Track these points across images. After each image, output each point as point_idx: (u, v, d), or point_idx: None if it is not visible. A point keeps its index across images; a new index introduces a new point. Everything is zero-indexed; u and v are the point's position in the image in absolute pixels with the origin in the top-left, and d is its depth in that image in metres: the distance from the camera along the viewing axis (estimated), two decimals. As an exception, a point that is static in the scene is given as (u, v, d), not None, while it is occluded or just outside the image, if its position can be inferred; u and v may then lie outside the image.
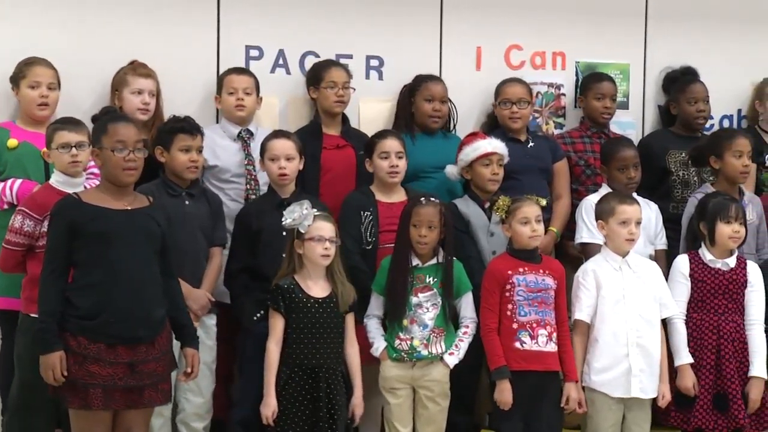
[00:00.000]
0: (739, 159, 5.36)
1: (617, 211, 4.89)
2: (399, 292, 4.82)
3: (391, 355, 4.84)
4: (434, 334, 4.85)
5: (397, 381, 4.85)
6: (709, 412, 4.94)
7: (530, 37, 5.95)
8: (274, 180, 5.03)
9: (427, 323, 4.84)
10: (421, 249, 4.85)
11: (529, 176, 5.47)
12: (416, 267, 4.86)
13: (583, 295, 4.89)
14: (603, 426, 4.88)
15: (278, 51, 5.65)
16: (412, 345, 4.82)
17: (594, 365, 4.87)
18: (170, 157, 4.94)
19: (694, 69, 5.97)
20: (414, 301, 4.84)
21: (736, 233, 5.01)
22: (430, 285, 4.86)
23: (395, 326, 4.84)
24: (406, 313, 4.83)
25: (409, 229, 4.84)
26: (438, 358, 4.84)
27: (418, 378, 4.85)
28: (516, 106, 5.61)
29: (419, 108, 5.59)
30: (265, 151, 5.04)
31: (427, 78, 5.63)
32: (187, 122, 5.00)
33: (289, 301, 4.64)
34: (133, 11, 5.45)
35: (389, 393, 4.86)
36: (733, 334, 4.98)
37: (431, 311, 4.85)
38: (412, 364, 4.84)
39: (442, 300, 4.85)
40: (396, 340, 4.84)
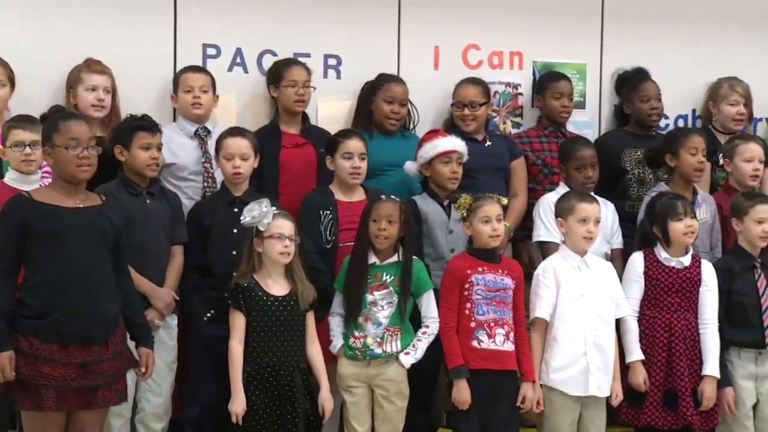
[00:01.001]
0: (694, 156, 5.42)
1: (577, 209, 4.92)
2: (354, 290, 4.83)
3: (346, 353, 4.85)
4: (389, 333, 4.84)
5: (353, 379, 4.85)
6: (658, 409, 4.99)
7: (488, 37, 5.96)
8: (228, 178, 5.04)
9: (381, 321, 4.84)
10: (381, 243, 4.84)
11: (487, 175, 5.49)
12: (374, 265, 4.86)
13: (544, 293, 4.91)
14: (561, 424, 4.91)
15: (236, 49, 5.63)
16: (366, 343, 4.83)
17: (552, 364, 4.89)
18: (130, 155, 4.91)
19: (645, 69, 6.02)
20: (369, 299, 4.84)
21: (689, 228, 5.05)
22: (386, 283, 4.86)
23: (351, 324, 4.85)
24: (361, 311, 4.83)
25: (369, 226, 4.84)
26: (393, 357, 4.84)
27: (374, 377, 4.86)
28: (467, 108, 5.62)
29: (378, 108, 5.59)
30: (221, 149, 5.05)
31: (390, 78, 5.64)
32: (146, 120, 4.99)
33: (249, 300, 4.63)
34: (90, 9, 5.40)
35: (346, 391, 4.86)
36: (685, 332, 5.03)
37: (386, 309, 4.85)
38: (367, 362, 4.84)
39: (398, 298, 4.85)
40: (351, 338, 4.84)
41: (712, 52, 6.20)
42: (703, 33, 6.22)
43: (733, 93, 5.99)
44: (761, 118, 6.28)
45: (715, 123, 6.08)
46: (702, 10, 6.24)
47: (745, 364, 5.12)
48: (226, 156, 5.02)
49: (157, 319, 4.84)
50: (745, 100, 6.00)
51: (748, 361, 5.13)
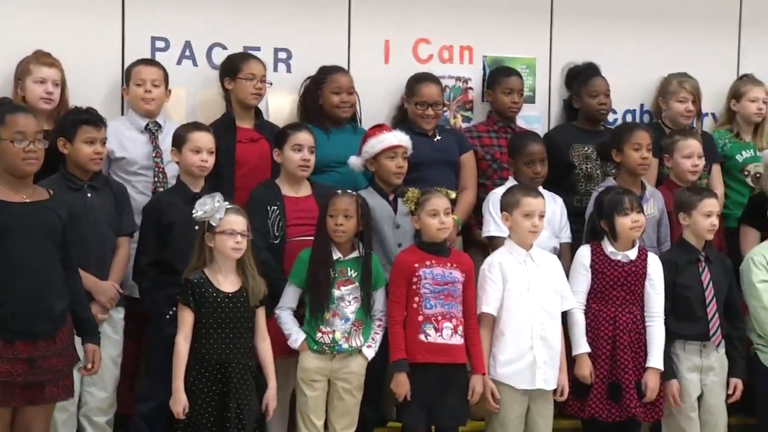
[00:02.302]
0: (638, 151, 5.46)
1: (521, 204, 4.94)
2: (322, 285, 4.82)
3: (312, 347, 4.84)
4: (354, 328, 4.87)
5: (316, 373, 4.86)
6: (603, 401, 5.03)
7: (438, 31, 5.97)
8: (193, 171, 5.00)
9: (348, 316, 4.86)
10: (338, 238, 4.85)
11: (436, 169, 5.50)
12: (338, 260, 4.87)
13: (490, 288, 4.93)
14: (509, 417, 4.94)
15: (185, 43, 5.60)
16: (334, 338, 4.84)
17: (499, 358, 4.92)
18: (73, 148, 4.87)
19: (595, 64, 6.06)
20: (336, 294, 4.85)
21: (635, 223, 5.10)
22: (352, 278, 4.88)
23: (318, 319, 4.84)
24: (329, 306, 4.83)
25: (327, 221, 4.85)
26: (357, 350, 4.87)
27: (337, 370, 4.87)
28: (432, 108, 5.63)
29: (327, 100, 5.58)
30: (186, 142, 5.00)
31: (332, 69, 5.63)
32: (91, 114, 4.93)
33: (198, 296, 4.61)
34: (38, 2, 5.35)
35: (307, 385, 4.86)
36: (630, 325, 5.08)
37: (353, 304, 4.87)
38: (332, 356, 4.85)
39: (363, 293, 4.87)
40: (318, 333, 4.83)
41: (660, 48, 6.25)
42: (651, 29, 6.27)
43: (681, 90, 6.04)
44: (708, 113, 6.35)
45: (664, 119, 6.13)
46: (651, 7, 6.29)
47: (690, 357, 5.18)
48: (195, 149, 4.98)
49: (100, 314, 4.81)
50: (693, 96, 6.05)
51: (692, 353, 5.19)
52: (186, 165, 5.01)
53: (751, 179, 5.99)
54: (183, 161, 5.01)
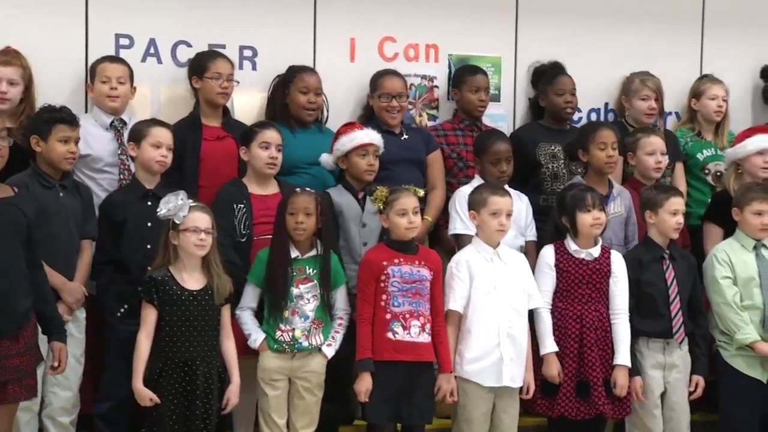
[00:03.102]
0: (603, 150, 5.49)
1: (489, 202, 4.96)
2: (280, 284, 4.81)
3: (271, 346, 4.84)
4: (314, 326, 4.87)
5: (276, 372, 4.85)
6: (572, 400, 5.06)
7: (404, 30, 5.98)
8: (152, 167, 4.99)
9: (308, 314, 4.86)
10: (298, 236, 4.85)
11: (404, 168, 5.51)
12: (296, 258, 4.86)
13: (457, 286, 4.95)
14: (474, 414, 4.95)
15: (149, 40, 5.58)
16: (294, 336, 4.83)
17: (466, 355, 4.94)
18: (47, 147, 4.85)
19: (560, 63, 6.09)
20: (295, 293, 4.84)
21: (596, 220, 5.12)
22: (310, 276, 4.87)
23: (276, 318, 4.83)
24: (288, 305, 4.82)
25: (286, 219, 4.83)
26: (317, 349, 4.87)
27: (297, 369, 4.87)
28: (396, 100, 5.64)
29: (294, 100, 5.57)
30: (146, 136, 4.99)
31: (301, 69, 5.62)
32: (65, 112, 4.92)
33: (163, 294, 4.60)
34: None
35: (268, 385, 4.86)
36: (596, 322, 5.11)
37: (312, 302, 4.87)
38: (291, 355, 4.85)
39: (321, 291, 4.87)
40: (277, 332, 4.83)
41: (625, 47, 6.29)
42: (616, 28, 6.31)
43: (644, 88, 6.09)
44: (671, 112, 6.39)
45: (627, 117, 6.18)
46: (616, 6, 6.33)
47: (654, 354, 5.21)
48: (155, 144, 4.97)
49: (66, 314, 4.78)
50: (656, 95, 6.09)
51: (656, 350, 5.22)
52: (145, 160, 5.00)
53: (712, 177, 6.05)
54: (141, 156, 5.00)
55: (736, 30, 6.44)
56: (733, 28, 6.44)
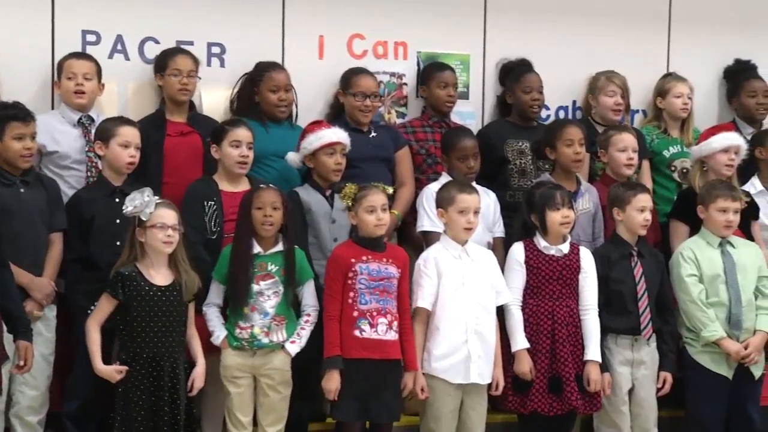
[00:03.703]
0: (570, 147, 5.51)
1: (456, 200, 4.97)
2: (240, 280, 4.80)
3: (231, 343, 4.83)
4: (275, 323, 4.85)
5: (238, 370, 4.84)
6: (544, 395, 5.07)
7: (372, 27, 5.97)
8: (121, 166, 4.97)
9: (268, 311, 4.85)
10: (267, 231, 4.84)
11: (372, 165, 5.51)
12: (258, 255, 4.85)
13: (425, 283, 4.95)
14: (443, 411, 4.96)
15: (116, 36, 5.54)
16: (253, 333, 4.83)
17: (434, 353, 4.94)
18: (3, 145, 4.81)
19: (528, 61, 6.10)
20: (255, 289, 4.83)
21: (565, 218, 5.14)
22: (272, 273, 4.86)
23: (236, 315, 4.83)
24: (248, 302, 4.81)
25: (251, 216, 4.83)
26: (279, 346, 4.85)
27: (259, 366, 4.86)
28: (369, 99, 5.64)
29: (265, 98, 5.55)
30: (114, 136, 4.97)
31: (269, 67, 5.60)
32: (19, 109, 4.88)
33: (130, 289, 4.60)
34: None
35: (230, 382, 4.85)
36: (567, 318, 5.13)
37: (273, 299, 4.86)
38: (252, 352, 4.84)
39: (284, 288, 4.85)
40: (236, 329, 4.83)
41: (592, 46, 6.30)
42: (584, 26, 6.32)
43: (610, 84, 6.11)
44: (638, 110, 6.42)
45: (594, 115, 6.20)
46: (584, 4, 6.35)
47: (622, 351, 5.24)
48: (124, 143, 4.95)
49: (36, 310, 4.76)
50: (622, 91, 6.12)
51: (624, 347, 5.25)
52: (113, 160, 4.98)
53: (678, 174, 6.08)
54: (110, 155, 4.98)
55: (701, 29, 6.48)
56: (699, 27, 6.48)
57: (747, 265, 5.39)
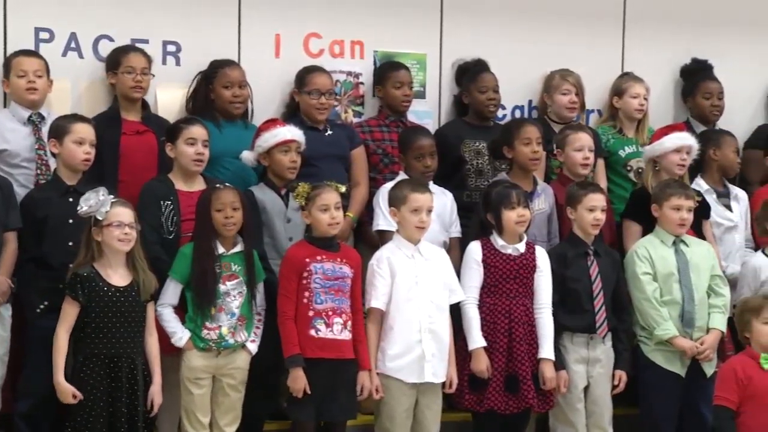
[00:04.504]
0: (528, 146, 5.52)
1: (409, 199, 4.97)
2: (209, 281, 4.78)
3: (197, 345, 4.81)
4: (239, 323, 4.86)
5: (202, 371, 4.83)
6: (501, 394, 5.09)
7: (329, 26, 5.96)
8: (76, 164, 4.93)
9: (234, 311, 4.84)
10: (229, 231, 4.83)
11: (328, 164, 5.50)
12: (222, 255, 4.84)
13: (379, 283, 4.95)
14: (397, 411, 4.96)
15: (70, 34, 5.50)
16: (221, 334, 4.82)
17: (388, 352, 4.95)
18: None
19: (484, 60, 6.11)
20: (222, 290, 4.82)
21: (521, 217, 5.16)
22: (236, 273, 4.85)
23: (204, 315, 4.80)
24: (215, 302, 4.80)
25: (212, 216, 4.81)
26: (241, 346, 4.86)
27: (222, 366, 4.85)
28: (324, 97, 5.62)
29: (219, 95, 5.54)
30: (68, 133, 4.93)
31: (222, 64, 5.58)
32: None
33: (88, 290, 4.57)
34: None
35: (193, 383, 4.83)
36: (524, 317, 5.15)
37: (238, 299, 4.86)
38: (217, 352, 4.83)
39: (247, 288, 4.85)
40: (203, 330, 4.81)
41: (548, 45, 6.32)
42: (540, 26, 6.34)
43: (564, 83, 6.14)
44: (594, 110, 6.45)
45: (549, 113, 6.22)
46: (539, 4, 6.37)
47: (578, 349, 5.27)
48: (78, 141, 4.91)
49: None
50: (576, 89, 6.14)
51: (580, 345, 5.27)
52: (68, 157, 4.94)
53: (634, 174, 6.11)
54: (64, 153, 4.94)
55: (656, 28, 6.52)
56: (654, 27, 6.51)
57: (700, 264, 5.43)
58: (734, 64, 6.56)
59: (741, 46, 6.63)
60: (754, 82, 6.72)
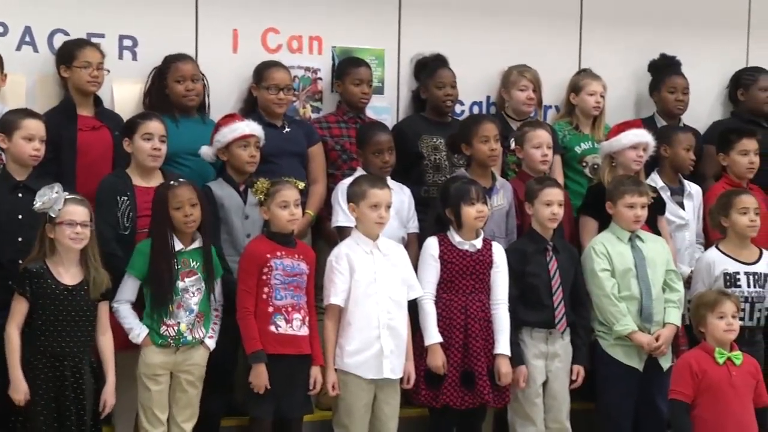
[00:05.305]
0: (486, 144, 5.52)
1: (368, 195, 4.97)
2: (166, 278, 4.76)
3: (156, 341, 4.79)
4: (198, 319, 4.84)
5: (160, 368, 4.81)
6: (456, 389, 5.11)
7: (287, 21, 5.93)
8: (26, 161, 4.88)
9: (192, 308, 4.83)
10: (189, 228, 4.81)
11: (286, 160, 5.49)
12: (180, 251, 4.82)
13: (338, 279, 4.95)
14: (356, 406, 4.97)
15: (24, 28, 5.44)
16: (179, 330, 4.80)
17: (347, 348, 4.95)
18: None
19: (443, 56, 6.11)
20: (180, 286, 4.81)
21: (480, 213, 5.17)
22: (194, 269, 4.84)
23: (162, 312, 4.78)
24: (173, 299, 4.78)
25: (169, 214, 4.79)
26: (199, 342, 4.85)
27: (180, 363, 4.83)
28: (282, 92, 5.60)
29: (173, 90, 5.50)
30: (18, 129, 4.87)
31: (175, 58, 5.54)
32: None
33: (36, 287, 4.54)
34: None
35: (150, 380, 4.81)
36: (480, 313, 5.17)
37: (196, 296, 4.84)
38: (175, 349, 4.81)
39: (205, 284, 4.84)
40: (162, 327, 4.79)
41: (506, 42, 6.33)
42: (498, 22, 6.34)
43: (522, 79, 6.15)
44: (551, 106, 6.47)
45: (507, 109, 6.23)
46: (498, 1, 6.38)
47: (537, 344, 5.30)
48: (27, 137, 4.85)
49: None
50: (533, 85, 6.15)
51: (539, 340, 5.30)
52: (17, 153, 4.89)
53: (590, 170, 6.14)
54: (13, 149, 4.89)
55: (613, 25, 6.54)
56: (611, 23, 6.54)
57: (656, 259, 5.47)
58: (691, 62, 6.59)
59: (697, 43, 6.68)
60: (712, 78, 6.76)
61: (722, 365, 4.92)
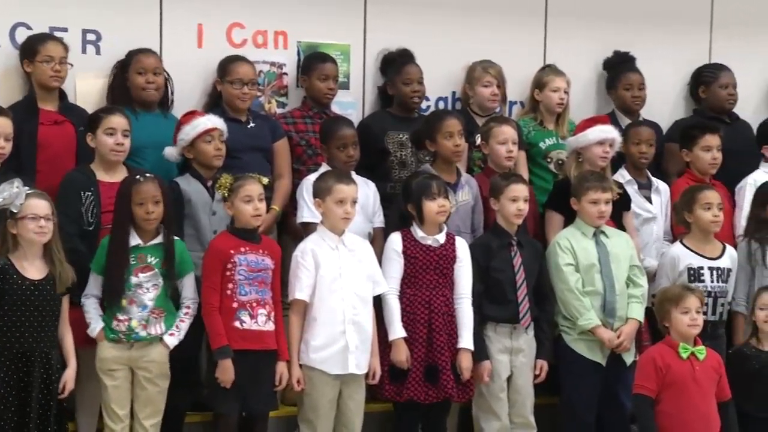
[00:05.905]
0: (450, 139, 5.53)
1: (334, 190, 4.97)
2: (116, 273, 4.75)
3: (108, 336, 4.78)
4: (154, 315, 4.81)
5: (114, 362, 4.79)
6: (420, 384, 5.12)
7: (252, 16, 5.90)
8: None
9: (146, 304, 4.80)
10: (150, 225, 4.79)
11: (250, 156, 5.47)
12: (137, 247, 4.79)
13: (303, 275, 4.95)
14: (321, 402, 4.98)
15: (-15, 22, 5.41)
16: (130, 326, 4.78)
17: (312, 344, 4.95)
18: None
19: (410, 51, 6.10)
20: (134, 281, 4.78)
21: (441, 207, 5.18)
22: (151, 265, 4.81)
23: (114, 307, 4.76)
24: (125, 294, 4.76)
25: (131, 209, 4.77)
26: (157, 339, 4.81)
27: (137, 359, 4.81)
28: (247, 87, 5.59)
29: (133, 82, 5.47)
30: None
31: (137, 51, 5.51)
32: None
33: (2, 282, 4.51)
34: None
35: (106, 375, 4.79)
36: (443, 308, 5.18)
37: (152, 291, 4.81)
38: (130, 344, 4.79)
39: (164, 280, 4.81)
40: (114, 321, 4.77)
41: (471, 37, 6.32)
42: (463, 18, 6.34)
43: (486, 75, 6.15)
44: (516, 102, 6.48)
45: (472, 105, 6.24)
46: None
47: (501, 339, 5.32)
48: None
49: None
50: (498, 81, 6.16)
51: (503, 335, 5.32)
52: None
53: (554, 165, 6.17)
54: None
55: (578, 21, 6.56)
56: (576, 19, 6.56)
57: (619, 255, 5.50)
58: (655, 58, 6.63)
59: (661, 39, 6.70)
60: (675, 74, 6.80)
61: (686, 360, 4.97)
